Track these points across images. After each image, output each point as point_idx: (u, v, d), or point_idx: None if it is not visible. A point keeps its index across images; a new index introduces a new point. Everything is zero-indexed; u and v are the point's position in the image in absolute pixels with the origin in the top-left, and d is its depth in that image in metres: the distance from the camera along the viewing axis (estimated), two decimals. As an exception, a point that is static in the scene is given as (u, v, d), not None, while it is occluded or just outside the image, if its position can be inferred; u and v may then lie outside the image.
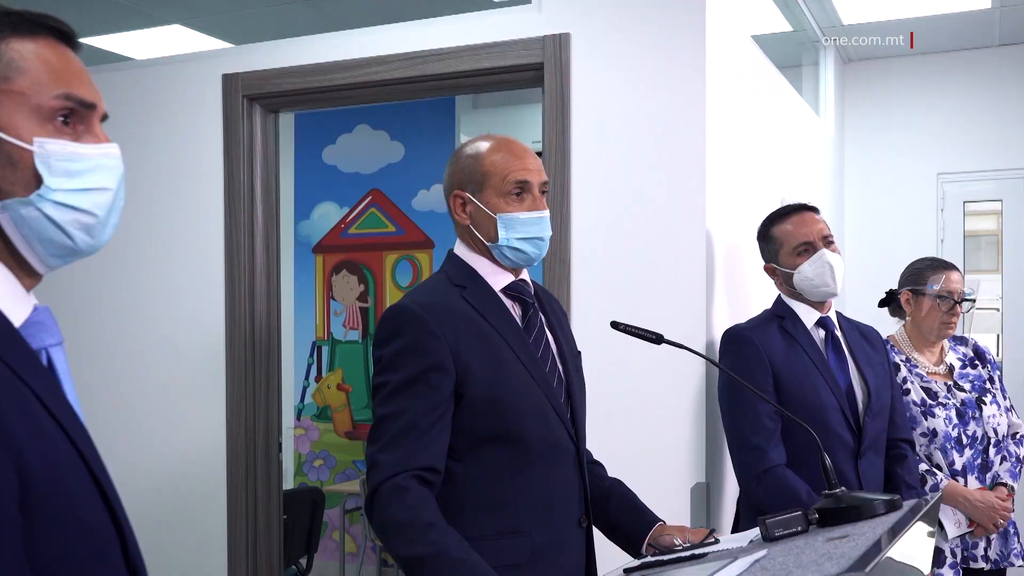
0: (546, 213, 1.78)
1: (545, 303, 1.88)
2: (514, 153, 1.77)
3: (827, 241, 2.48)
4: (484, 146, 1.79)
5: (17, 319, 0.98)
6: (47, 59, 1.00)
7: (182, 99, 3.21)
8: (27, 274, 1.02)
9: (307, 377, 5.55)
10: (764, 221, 2.59)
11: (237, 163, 3.12)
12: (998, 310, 5.08)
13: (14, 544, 0.86)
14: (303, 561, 4.53)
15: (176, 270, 3.23)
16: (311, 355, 5.54)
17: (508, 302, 1.79)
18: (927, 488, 2.72)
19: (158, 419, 3.23)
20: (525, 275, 1.84)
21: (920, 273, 2.94)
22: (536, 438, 1.71)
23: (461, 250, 1.82)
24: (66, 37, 1.04)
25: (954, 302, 2.84)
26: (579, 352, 1.93)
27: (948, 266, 2.94)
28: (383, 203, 5.38)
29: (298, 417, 5.54)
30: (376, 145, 5.36)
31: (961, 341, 3.00)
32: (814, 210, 2.55)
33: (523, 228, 1.75)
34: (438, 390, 1.65)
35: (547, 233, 1.78)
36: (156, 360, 3.25)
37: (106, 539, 0.98)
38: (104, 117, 1.07)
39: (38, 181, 0.98)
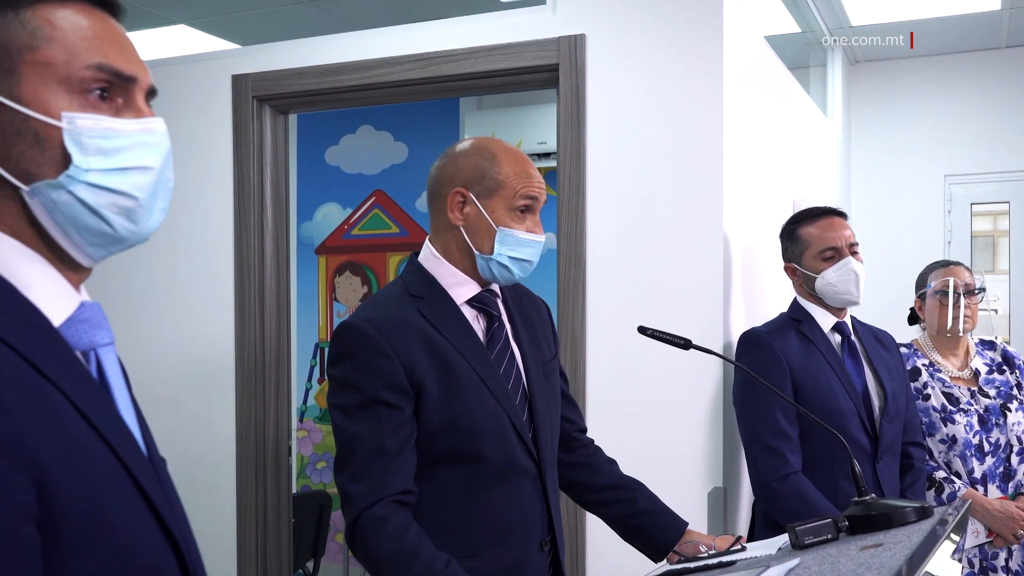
0: (543, 239, 1.72)
1: (514, 308, 1.81)
2: (526, 168, 1.71)
3: (853, 249, 2.46)
4: (498, 150, 1.71)
5: (57, 317, 0.89)
6: (79, 26, 0.90)
7: (191, 100, 3.19)
8: (70, 268, 0.93)
9: (310, 379, 5.52)
10: (791, 219, 2.56)
11: (247, 164, 3.09)
12: (996, 311, 5.07)
13: (30, 571, 0.78)
14: (310, 565, 4.51)
15: (186, 272, 3.21)
16: (314, 357, 5.51)
17: (471, 314, 1.72)
18: (944, 496, 2.67)
19: (167, 421, 3.20)
20: (494, 285, 1.77)
21: (923, 278, 2.95)
22: (493, 458, 1.65)
23: (425, 255, 1.74)
24: (106, 3, 0.94)
25: (958, 295, 2.81)
26: (554, 355, 1.86)
27: (949, 263, 2.92)
28: (386, 204, 5.35)
29: (300, 419, 5.51)
30: (379, 146, 5.34)
31: (989, 346, 2.94)
32: (843, 215, 2.53)
33: (518, 248, 1.68)
34: (399, 411, 1.59)
35: (537, 259, 1.72)
36: (165, 362, 3.23)
37: (157, 562, 0.89)
38: (152, 92, 0.97)
39: (67, 161, 0.88)
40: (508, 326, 1.77)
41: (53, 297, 0.90)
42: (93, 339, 0.92)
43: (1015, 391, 2.82)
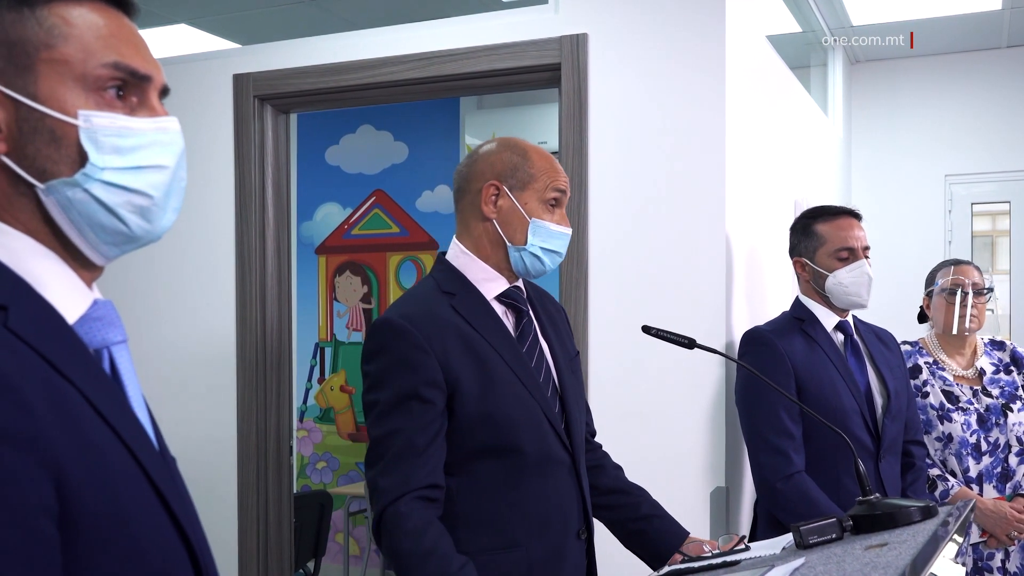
0: (570, 231, 1.79)
1: (539, 306, 1.85)
2: (554, 164, 1.78)
3: (866, 252, 2.45)
4: (527, 146, 1.77)
5: (72, 315, 0.90)
6: (95, 24, 0.90)
7: (193, 99, 3.18)
8: (83, 266, 0.93)
9: (310, 379, 5.52)
10: (805, 214, 2.55)
11: (248, 164, 3.09)
12: (993, 311, 5.07)
13: (49, 568, 0.78)
14: (311, 564, 4.50)
15: (187, 271, 3.21)
16: (314, 357, 5.50)
17: (500, 309, 1.76)
18: (937, 494, 2.66)
19: (168, 421, 3.19)
20: (519, 281, 1.81)
21: (931, 276, 2.94)
22: (530, 450, 1.68)
23: (454, 253, 1.78)
24: (120, 2, 0.94)
25: (964, 294, 2.79)
26: (577, 353, 1.90)
27: (958, 261, 2.91)
28: (387, 204, 5.34)
29: (300, 419, 5.51)
30: (380, 146, 5.33)
31: (998, 346, 2.91)
32: (859, 216, 2.52)
33: (550, 239, 1.74)
34: (432, 406, 1.62)
35: (565, 251, 1.79)
36: (166, 362, 3.22)
37: (171, 559, 0.89)
38: (165, 91, 0.96)
39: (83, 159, 0.88)
40: (535, 322, 1.81)
41: (67, 295, 0.90)
42: (106, 337, 0.93)
43: (1020, 391, 2.78)
